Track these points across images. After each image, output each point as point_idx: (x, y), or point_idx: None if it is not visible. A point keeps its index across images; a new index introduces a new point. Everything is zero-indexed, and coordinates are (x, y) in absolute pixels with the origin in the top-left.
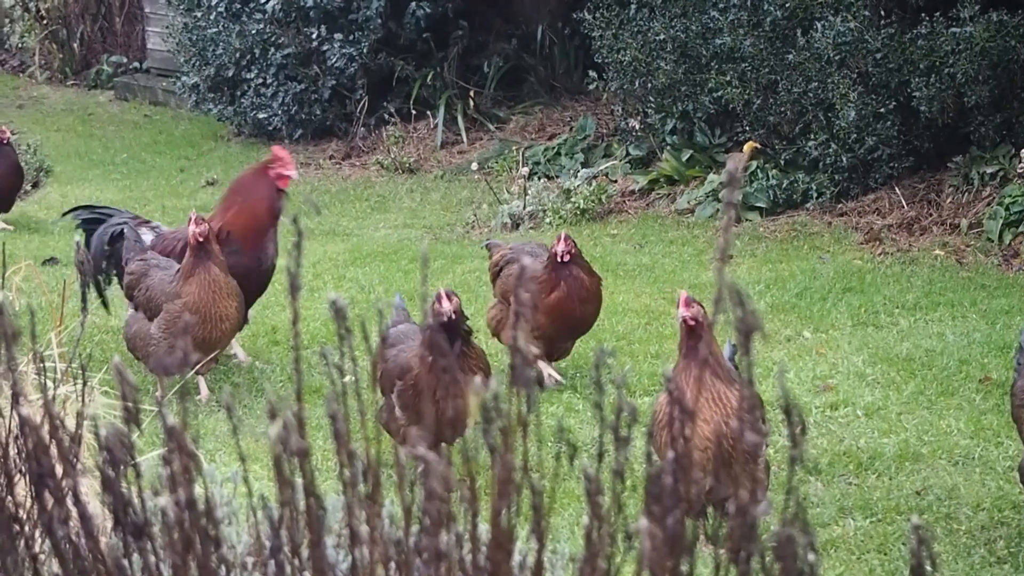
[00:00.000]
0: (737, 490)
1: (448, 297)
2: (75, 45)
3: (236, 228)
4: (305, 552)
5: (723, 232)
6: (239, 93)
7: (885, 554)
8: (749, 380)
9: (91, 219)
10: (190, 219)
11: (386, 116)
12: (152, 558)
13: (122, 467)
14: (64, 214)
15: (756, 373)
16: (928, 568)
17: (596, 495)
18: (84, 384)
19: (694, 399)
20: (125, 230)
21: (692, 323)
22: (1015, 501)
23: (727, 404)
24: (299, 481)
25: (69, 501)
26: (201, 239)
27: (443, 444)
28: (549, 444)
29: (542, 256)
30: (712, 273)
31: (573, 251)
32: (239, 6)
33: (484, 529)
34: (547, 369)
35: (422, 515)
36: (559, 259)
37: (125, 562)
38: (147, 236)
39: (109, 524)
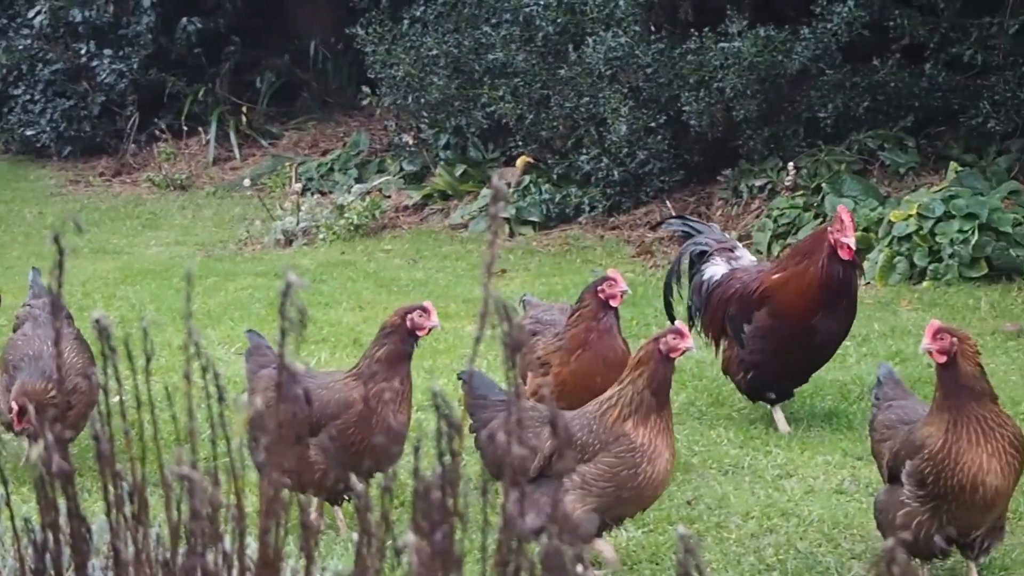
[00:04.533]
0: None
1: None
2: None
3: (777, 292)
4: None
5: (489, 247)
6: (6, 110)
7: (657, 564)
8: (517, 394)
9: (684, 232)
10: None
11: (157, 132)
12: None
13: None
14: (662, 221)
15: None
16: None
17: (365, 511)
18: None
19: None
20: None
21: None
22: (783, 508)
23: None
24: (64, 504)
25: None
26: (20, 424)
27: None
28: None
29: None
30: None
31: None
32: (5, 21)
33: (254, 548)
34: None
35: (189, 535)
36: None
37: None
38: (720, 267)
39: None
